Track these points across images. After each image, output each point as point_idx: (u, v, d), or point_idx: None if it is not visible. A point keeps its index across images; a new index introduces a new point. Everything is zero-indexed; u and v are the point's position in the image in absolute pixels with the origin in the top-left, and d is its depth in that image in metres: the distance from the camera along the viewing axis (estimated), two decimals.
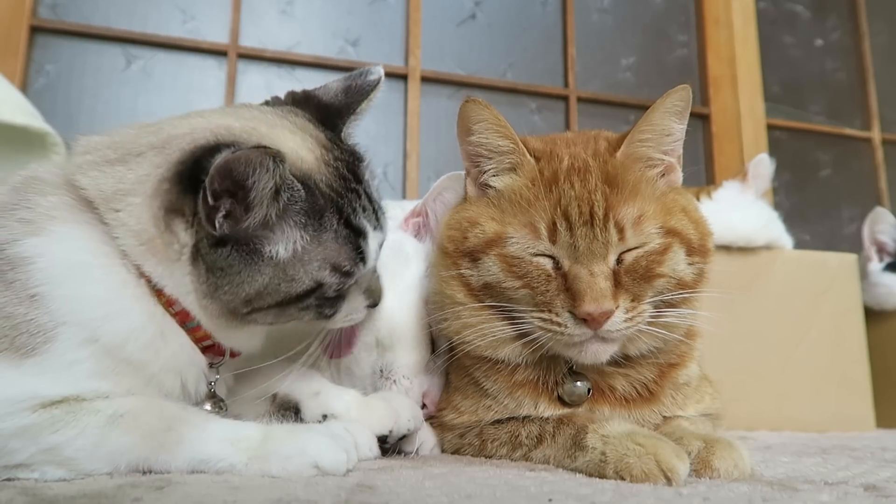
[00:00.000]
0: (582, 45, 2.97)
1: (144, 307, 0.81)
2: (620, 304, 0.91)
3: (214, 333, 0.87)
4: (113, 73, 2.40)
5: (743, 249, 1.85)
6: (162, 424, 0.77)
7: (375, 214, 0.91)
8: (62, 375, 0.75)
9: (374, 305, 0.99)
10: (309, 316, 0.88)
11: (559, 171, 0.96)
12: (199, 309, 0.83)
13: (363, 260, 0.88)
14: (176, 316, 0.84)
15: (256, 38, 2.57)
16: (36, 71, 2.33)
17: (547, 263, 0.94)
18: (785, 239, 1.97)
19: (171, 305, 0.83)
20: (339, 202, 0.85)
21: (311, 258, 0.83)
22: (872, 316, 2.04)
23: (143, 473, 0.75)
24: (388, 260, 1.05)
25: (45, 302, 0.75)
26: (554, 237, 0.93)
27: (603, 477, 0.81)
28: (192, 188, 0.78)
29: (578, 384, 1.00)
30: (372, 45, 2.69)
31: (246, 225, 0.79)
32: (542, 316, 0.93)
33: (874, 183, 3.29)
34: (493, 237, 0.97)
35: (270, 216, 0.79)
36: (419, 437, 1.07)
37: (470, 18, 2.84)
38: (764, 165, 1.99)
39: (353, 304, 0.93)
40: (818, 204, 3.19)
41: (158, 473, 0.75)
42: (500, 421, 1.04)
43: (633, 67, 3.04)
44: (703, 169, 3.03)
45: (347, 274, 0.86)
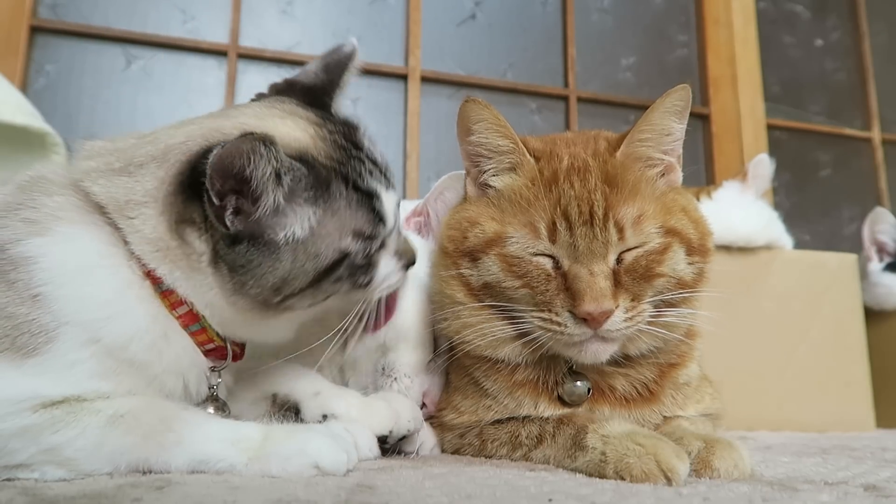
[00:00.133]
0: (582, 45, 2.97)
1: (149, 309, 0.81)
2: (620, 303, 0.91)
3: (244, 329, 0.88)
4: (113, 73, 2.40)
5: (743, 249, 1.85)
6: (162, 425, 0.77)
7: (384, 175, 0.91)
8: (63, 376, 0.74)
9: (409, 266, 0.99)
10: (345, 287, 0.88)
11: (559, 170, 0.96)
12: (226, 306, 0.84)
13: (382, 220, 0.89)
14: (179, 319, 0.84)
15: (256, 38, 2.57)
16: (36, 71, 2.33)
17: (547, 263, 0.94)
18: (785, 239, 1.97)
19: (175, 308, 0.83)
20: (342, 170, 0.86)
21: (329, 230, 0.84)
22: (872, 316, 2.04)
23: (143, 473, 0.75)
24: None
25: (47, 302, 0.75)
26: (554, 237, 0.93)
27: (603, 477, 0.81)
28: (197, 195, 0.79)
29: (578, 384, 1.00)
30: (372, 45, 2.69)
31: (257, 216, 0.79)
32: (541, 315, 0.93)
33: (874, 183, 3.29)
34: (492, 237, 0.97)
35: (279, 201, 0.80)
36: (419, 437, 1.07)
37: (470, 18, 2.84)
38: (764, 165, 1.98)
39: (386, 268, 0.93)
40: (818, 204, 3.19)
41: (158, 473, 0.75)
42: (500, 421, 1.04)
43: (633, 67, 3.04)
44: (703, 169, 3.02)
45: (370, 237, 0.87)
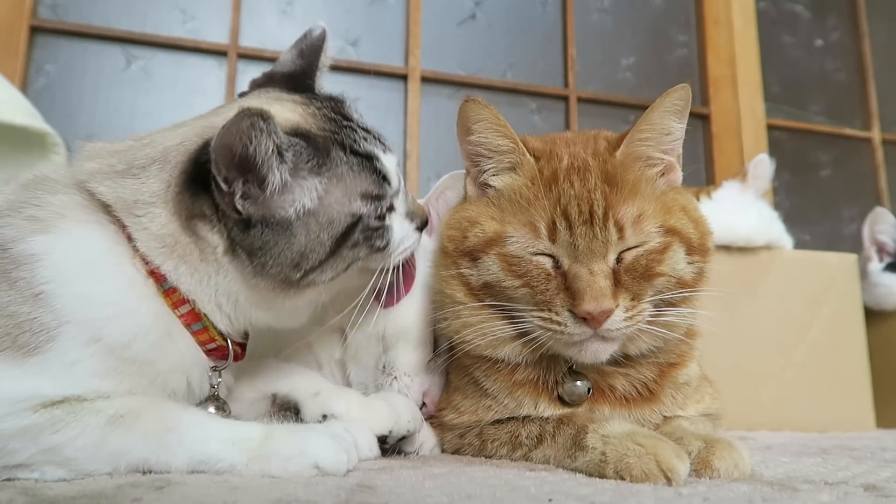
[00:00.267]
0: (582, 45, 2.97)
1: (151, 307, 0.82)
2: (620, 302, 0.91)
3: (265, 313, 0.89)
4: (113, 73, 2.40)
5: (743, 249, 1.85)
6: (162, 425, 0.77)
7: (379, 140, 0.94)
8: (64, 375, 0.75)
9: (422, 227, 1.01)
10: (363, 252, 0.90)
11: (559, 170, 0.96)
12: (247, 290, 0.85)
13: (386, 180, 0.91)
14: (181, 318, 0.84)
15: (256, 38, 2.57)
16: (36, 71, 2.33)
17: (546, 262, 0.94)
18: (785, 239, 1.96)
19: (177, 307, 0.84)
20: (337, 138, 0.89)
21: (337, 197, 0.86)
22: (872, 316, 2.04)
23: (143, 473, 0.75)
24: None
25: (49, 300, 0.75)
26: (553, 236, 0.93)
27: (603, 477, 0.81)
28: (203, 188, 0.81)
29: (578, 384, 1.00)
30: (372, 45, 2.69)
31: (266, 196, 0.81)
32: (541, 315, 0.93)
33: (874, 183, 3.29)
34: (492, 236, 0.97)
35: (285, 178, 0.81)
36: (419, 437, 1.07)
37: (470, 18, 2.84)
38: (764, 165, 1.98)
39: (401, 231, 0.95)
40: (818, 204, 3.19)
41: (158, 473, 0.75)
42: (500, 421, 1.04)
43: (633, 67, 3.04)
44: (703, 169, 3.02)
45: (378, 197, 0.90)
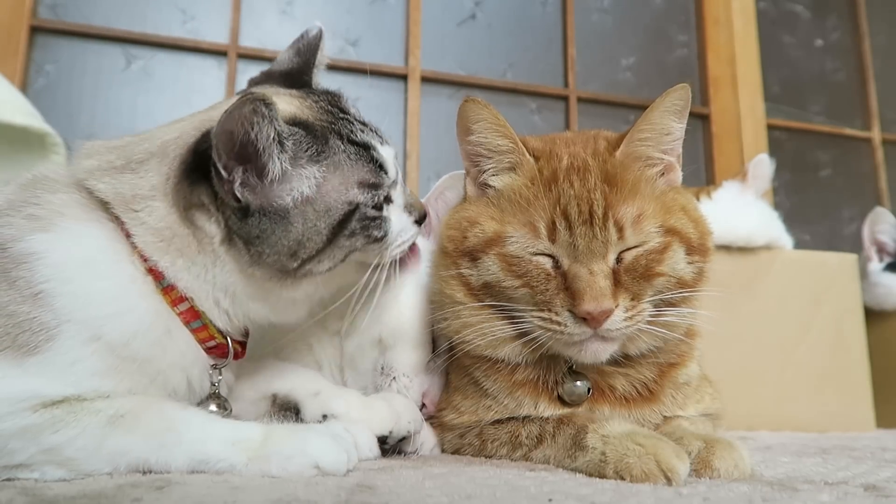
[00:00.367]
0: (582, 45, 2.97)
1: (151, 305, 0.82)
2: (620, 302, 0.91)
3: (262, 306, 0.89)
4: (113, 73, 2.40)
5: (743, 249, 1.85)
6: (162, 425, 0.77)
7: (376, 133, 0.95)
8: (64, 374, 0.75)
9: (421, 220, 1.01)
10: (360, 242, 0.90)
11: (558, 170, 0.96)
12: (244, 281, 0.85)
13: (383, 169, 0.92)
14: (181, 315, 0.84)
15: (256, 38, 2.57)
16: (36, 71, 2.33)
17: (546, 262, 0.94)
18: (785, 239, 1.96)
19: (176, 304, 0.84)
20: (335, 128, 0.89)
21: (334, 185, 0.87)
22: (872, 316, 2.04)
23: (143, 473, 0.75)
24: None
25: (49, 299, 0.75)
26: (553, 236, 0.93)
27: (603, 477, 0.81)
28: (202, 177, 0.81)
29: (578, 384, 1.00)
30: (372, 45, 2.69)
31: (266, 184, 0.81)
32: (541, 315, 0.93)
33: (874, 183, 3.29)
34: (492, 236, 0.97)
35: (285, 167, 0.82)
36: (419, 437, 1.07)
37: (470, 18, 2.84)
38: (764, 165, 1.98)
39: (399, 222, 0.96)
40: (818, 204, 3.19)
41: (158, 473, 0.75)
42: (500, 421, 1.04)
43: (633, 67, 3.04)
44: (703, 169, 3.02)
45: (375, 185, 0.90)
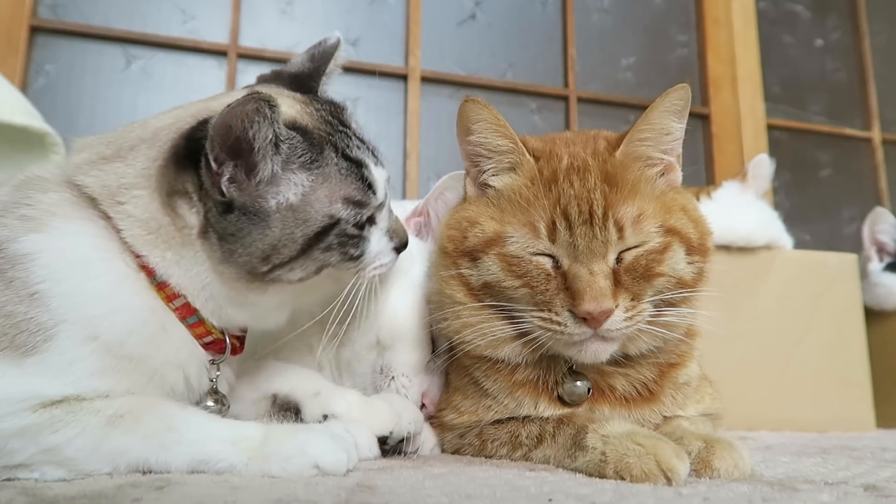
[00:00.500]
0: (582, 45, 2.97)
1: (145, 301, 0.82)
2: (620, 302, 0.91)
3: (236, 309, 0.87)
4: (113, 73, 2.40)
5: (743, 249, 1.85)
6: (162, 424, 0.77)
7: (372, 152, 0.93)
8: (63, 374, 0.75)
9: (400, 248, 0.99)
10: (335, 258, 0.88)
11: (558, 170, 0.96)
12: (214, 277, 0.83)
13: (372, 189, 0.89)
14: (176, 311, 0.84)
15: (256, 38, 2.57)
16: (36, 71, 2.33)
17: (546, 262, 0.94)
18: (785, 239, 1.96)
19: (171, 300, 0.83)
20: (332, 139, 0.88)
21: (319, 196, 0.85)
22: (872, 316, 2.04)
23: (143, 473, 0.75)
24: None
25: (45, 300, 0.75)
26: (553, 236, 0.93)
27: (603, 477, 0.81)
28: (192, 164, 0.80)
29: (578, 384, 1.00)
30: (372, 45, 2.69)
31: (253, 184, 0.80)
32: (541, 315, 0.93)
33: (874, 183, 3.29)
34: (492, 236, 0.97)
35: (276, 170, 0.81)
36: (419, 437, 1.06)
37: (470, 18, 2.84)
38: (764, 165, 1.98)
39: (378, 245, 0.93)
40: (818, 204, 3.19)
41: (158, 473, 0.75)
42: (500, 421, 1.04)
43: (633, 67, 3.04)
44: (703, 169, 3.02)
45: (360, 203, 0.88)
